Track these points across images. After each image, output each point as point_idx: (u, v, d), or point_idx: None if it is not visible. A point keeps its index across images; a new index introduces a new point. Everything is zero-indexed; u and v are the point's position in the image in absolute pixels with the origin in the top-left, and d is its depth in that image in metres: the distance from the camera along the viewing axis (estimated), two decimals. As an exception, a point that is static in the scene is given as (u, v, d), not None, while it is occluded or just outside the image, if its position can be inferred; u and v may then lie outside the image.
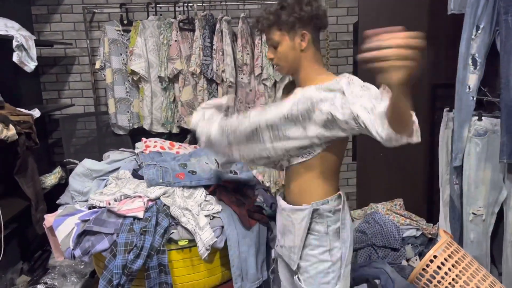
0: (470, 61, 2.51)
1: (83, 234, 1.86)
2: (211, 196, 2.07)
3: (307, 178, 1.58)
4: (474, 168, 2.59)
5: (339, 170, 1.64)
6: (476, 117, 2.56)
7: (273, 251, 1.87)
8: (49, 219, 2.03)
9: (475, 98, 2.54)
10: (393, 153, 3.30)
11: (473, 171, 2.59)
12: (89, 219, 1.89)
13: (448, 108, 2.80)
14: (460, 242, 2.71)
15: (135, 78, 3.24)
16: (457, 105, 2.60)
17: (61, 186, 3.00)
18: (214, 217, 1.94)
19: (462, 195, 2.66)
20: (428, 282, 2.33)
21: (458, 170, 2.67)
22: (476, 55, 2.48)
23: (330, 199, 1.57)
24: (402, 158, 3.34)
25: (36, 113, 2.71)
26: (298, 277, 1.62)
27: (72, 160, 3.12)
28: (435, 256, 2.31)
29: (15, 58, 2.60)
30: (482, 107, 2.64)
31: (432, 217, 3.29)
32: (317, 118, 1.42)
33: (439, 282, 2.29)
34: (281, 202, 1.70)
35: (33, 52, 2.71)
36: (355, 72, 3.51)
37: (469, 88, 2.54)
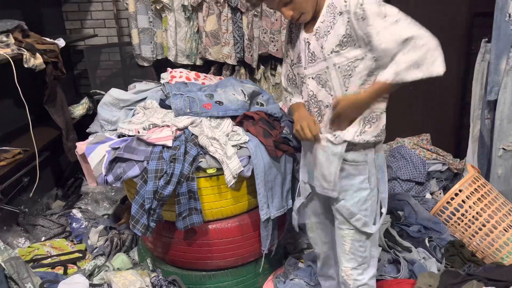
0: (514, -14, 2.33)
1: (114, 161, 1.91)
2: (237, 126, 2.08)
3: None
4: (509, 102, 2.50)
5: None
6: (517, 48, 2.42)
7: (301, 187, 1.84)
8: (81, 146, 2.09)
9: (517, 28, 2.39)
10: (423, 87, 3.20)
11: (507, 106, 2.50)
12: (119, 147, 1.93)
13: (486, 39, 2.65)
14: (487, 177, 2.69)
15: (158, 7, 3.14)
16: (494, 34, 2.45)
17: (89, 117, 3.05)
18: (241, 147, 1.96)
19: (493, 130, 2.59)
20: (451, 215, 2.35)
21: (491, 105, 2.58)
22: (522, -22, 2.29)
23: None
24: (432, 92, 3.24)
25: (61, 42, 2.69)
26: (337, 205, 1.63)
27: (98, 91, 3.14)
28: (460, 190, 2.31)
29: (36, -16, 2.54)
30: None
31: (460, 153, 3.24)
32: None
33: (462, 215, 2.31)
34: None
35: (54, -22, 2.64)
36: None
37: (510, 16, 2.37)
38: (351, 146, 1.55)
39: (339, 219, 1.66)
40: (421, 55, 1.36)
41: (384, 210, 1.68)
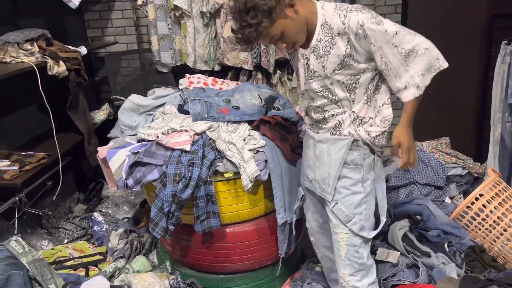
0: (536, -13, 2.29)
1: (134, 165, 1.96)
2: (254, 131, 2.10)
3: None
4: (530, 105, 2.45)
5: None
6: (538, 50, 2.38)
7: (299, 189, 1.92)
8: (102, 151, 2.14)
9: (538, 29, 2.35)
10: (442, 90, 3.16)
11: (529, 109, 2.46)
12: (139, 151, 1.98)
13: (506, 41, 2.61)
14: (509, 181, 2.65)
15: (177, 14, 3.20)
16: (517, 37, 2.42)
17: (109, 122, 3.12)
18: (258, 151, 1.98)
19: (515, 133, 2.55)
20: (472, 220, 2.32)
21: (513, 108, 2.54)
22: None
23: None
24: (451, 95, 3.20)
25: (83, 50, 2.77)
26: (333, 207, 1.67)
27: (118, 97, 3.21)
28: (481, 195, 2.27)
29: (60, -6, 2.63)
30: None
31: (480, 157, 3.19)
32: None
33: (483, 219, 2.27)
34: (312, 134, 1.71)
35: (77, -12, 2.72)
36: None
37: (532, 17, 2.34)
38: (354, 146, 1.60)
39: (334, 222, 1.68)
40: (427, 61, 1.46)
41: (383, 218, 1.69)
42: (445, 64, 1.48)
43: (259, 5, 1.40)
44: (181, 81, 2.55)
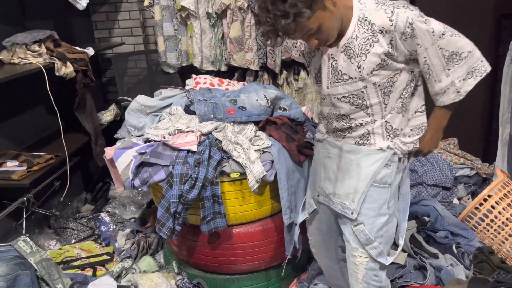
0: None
1: (141, 165, 1.96)
2: (260, 131, 2.10)
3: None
4: (540, 105, 2.43)
5: None
6: (548, 50, 2.35)
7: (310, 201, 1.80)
8: (109, 151, 2.15)
9: (548, 29, 2.32)
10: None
11: (538, 109, 2.43)
12: (146, 152, 1.98)
13: (515, 41, 2.59)
14: (517, 182, 2.62)
15: (183, 15, 3.20)
16: (525, 36, 2.40)
17: (116, 123, 3.14)
18: (264, 151, 1.97)
19: (524, 133, 2.53)
20: (480, 221, 2.30)
21: (521, 108, 2.52)
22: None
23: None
24: (459, 95, 3.18)
25: (90, 51, 2.78)
26: (354, 228, 1.54)
27: (125, 97, 3.23)
28: (489, 196, 2.25)
29: (67, -5, 2.64)
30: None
31: (489, 157, 3.16)
32: None
33: (491, 221, 2.25)
34: (337, 143, 1.57)
35: (84, -11, 2.73)
36: None
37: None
38: (388, 162, 1.49)
39: (352, 245, 1.56)
40: (470, 65, 1.38)
41: (401, 242, 1.59)
42: (489, 68, 1.39)
43: None
44: (187, 81, 2.56)
